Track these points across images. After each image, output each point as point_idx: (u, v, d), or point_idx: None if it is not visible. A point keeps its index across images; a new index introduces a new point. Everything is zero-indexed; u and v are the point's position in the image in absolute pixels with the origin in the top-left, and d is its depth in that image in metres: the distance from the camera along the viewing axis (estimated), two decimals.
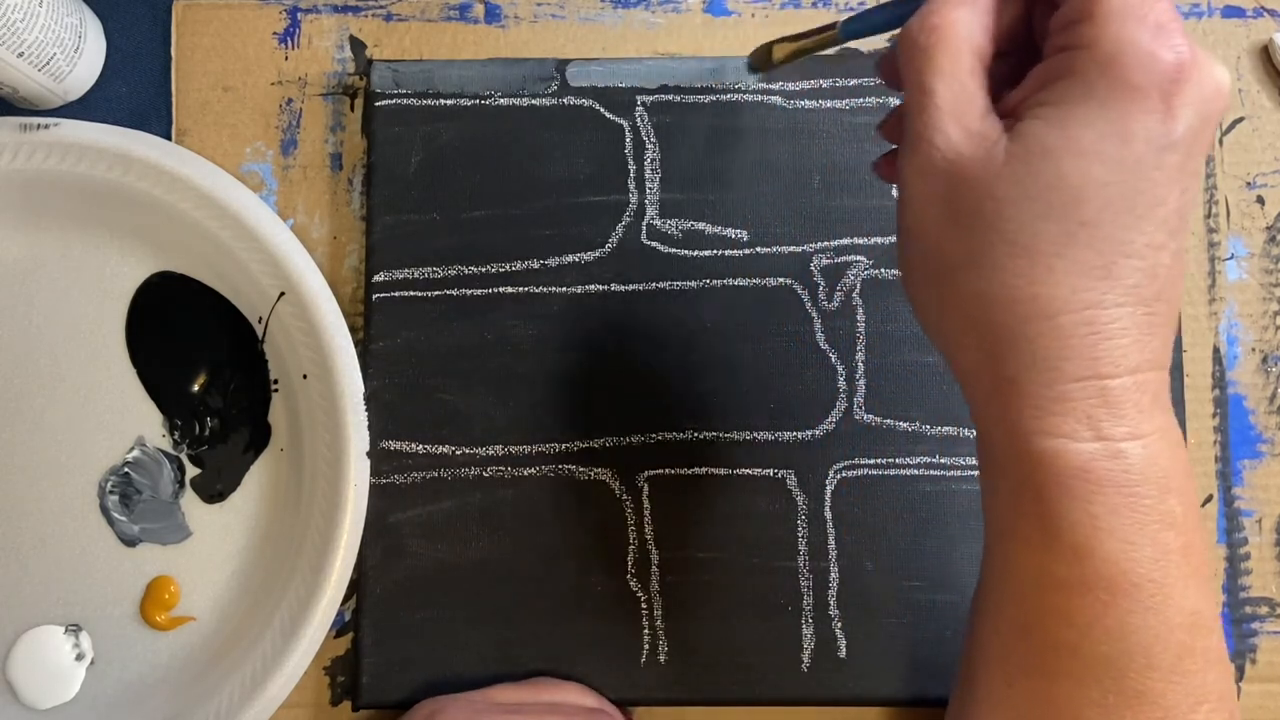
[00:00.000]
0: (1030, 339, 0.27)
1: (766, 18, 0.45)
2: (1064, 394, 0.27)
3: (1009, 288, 0.27)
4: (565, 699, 0.40)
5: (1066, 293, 0.27)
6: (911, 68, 0.29)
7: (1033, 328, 0.27)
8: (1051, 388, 0.27)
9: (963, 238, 0.28)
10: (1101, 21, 0.26)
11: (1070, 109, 0.27)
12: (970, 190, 0.28)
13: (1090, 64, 0.26)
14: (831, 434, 0.42)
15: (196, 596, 0.43)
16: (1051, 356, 0.27)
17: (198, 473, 0.43)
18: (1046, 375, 0.27)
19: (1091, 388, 0.27)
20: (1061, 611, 0.29)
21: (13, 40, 0.39)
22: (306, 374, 0.42)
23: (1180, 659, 0.28)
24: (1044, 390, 0.28)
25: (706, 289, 0.43)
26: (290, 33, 0.45)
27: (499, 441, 0.42)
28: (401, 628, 0.41)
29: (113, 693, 0.42)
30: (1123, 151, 0.26)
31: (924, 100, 0.28)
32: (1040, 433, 0.28)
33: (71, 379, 0.43)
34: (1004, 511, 0.30)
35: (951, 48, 0.28)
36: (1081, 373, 0.27)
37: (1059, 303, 0.27)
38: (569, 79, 0.44)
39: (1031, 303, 0.27)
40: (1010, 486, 0.29)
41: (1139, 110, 0.26)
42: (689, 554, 0.42)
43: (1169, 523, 0.28)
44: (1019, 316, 0.27)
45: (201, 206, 0.42)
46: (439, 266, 0.43)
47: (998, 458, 0.29)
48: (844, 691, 0.41)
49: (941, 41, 0.28)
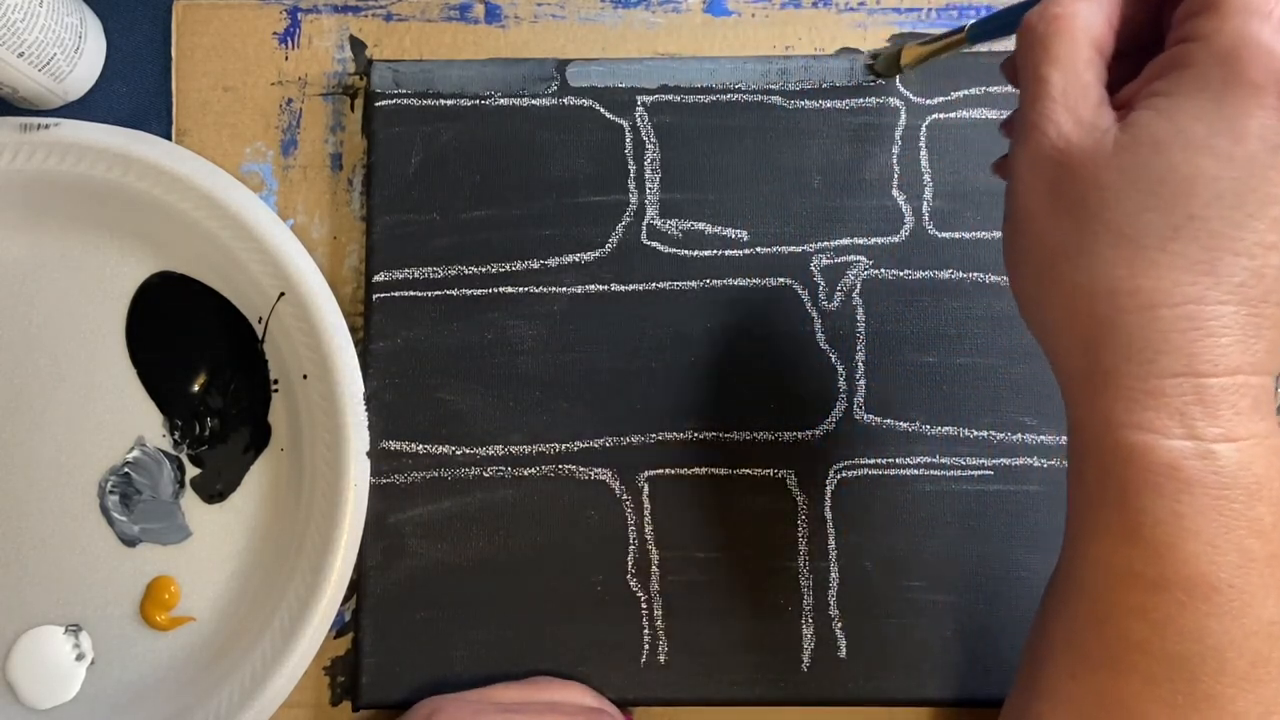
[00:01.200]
0: (1129, 330, 0.27)
1: (767, 18, 0.45)
2: (1158, 389, 0.27)
3: (1111, 278, 0.27)
4: (565, 698, 0.40)
5: (1169, 285, 0.27)
6: (1029, 57, 0.29)
7: (1132, 319, 0.27)
8: (1146, 381, 0.27)
9: (1068, 227, 0.28)
10: (1222, 14, 0.26)
11: (1183, 101, 0.26)
12: (1078, 179, 0.27)
13: (1208, 56, 0.26)
14: (831, 434, 0.42)
15: (196, 597, 0.43)
16: (1149, 349, 0.27)
17: (198, 473, 0.43)
18: (1142, 368, 0.27)
19: (1187, 384, 0.27)
20: (1137, 607, 0.28)
21: (13, 40, 0.39)
22: (306, 374, 0.42)
23: (1254, 666, 0.28)
24: (1138, 383, 0.27)
25: (706, 289, 0.43)
26: (290, 33, 0.45)
27: (499, 441, 0.42)
28: (401, 628, 0.41)
29: (113, 693, 0.42)
30: (1236, 147, 0.26)
31: (1038, 89, 0.28)
32: (1131, 425, 0.28)
33: (71, 379, 0.43)
34: (1088, 502, 0.29)
35: (1069, 37, 0.28)
36: (1177, 368, 0.27)
37: (1160, 295, 0.27)
38: (569, 79, 0.44)
39: (1132, 294, 0.27)
40: (1097, 477, 0.29)
41: (1256, 106, 0.26)
42: (689, 554, 0.42)
43: (1256, 530, 0.27)
44: (1119, 307, 0.27)
45: (201, 206, 0.42)
46: (439, 266, 0.43)
47: (1087, 447, 0.29)
48: (844, 691, 0.41)
49: (1060, 31, 0.28)
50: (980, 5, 0.45)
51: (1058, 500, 0.42)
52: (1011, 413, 0.42)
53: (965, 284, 0.43)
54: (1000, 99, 0.43)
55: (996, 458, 0.42)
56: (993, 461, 0.42)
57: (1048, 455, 0.42)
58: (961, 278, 0.43)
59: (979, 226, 0.43)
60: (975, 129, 0.43)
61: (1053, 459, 0.42)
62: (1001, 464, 0.42)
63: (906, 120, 0.43)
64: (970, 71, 0.43)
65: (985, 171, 0.43)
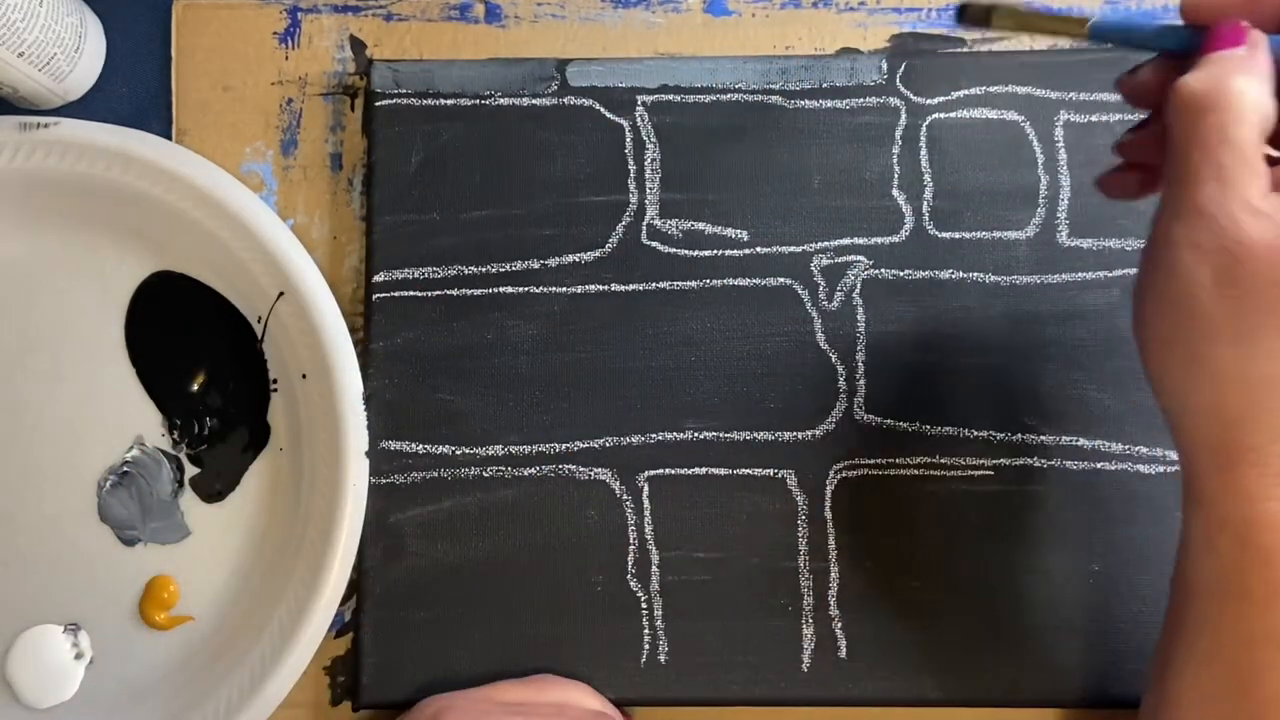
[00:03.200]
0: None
1: (767, 17, 0.45)
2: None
3: (1269, 364, 0.29)
4: (569, 699, 0.40)
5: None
6: (1197, 132, 0.29)
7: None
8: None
9: (1232, 314, 0.29)
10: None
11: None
12: (1250, 272, 0.28)
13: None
14: (831, 434, 0.42)
15: (195, 596, 0.43)
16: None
17: (197, 472, 0.43)
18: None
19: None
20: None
21: (13, 40, 0.39)
22: (306, 374, 0.42)
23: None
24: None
25: (706, 289, 0.43)
26: (290, 33, 0.45)
27: (499, 441, 0.42)
28: (401, 628, 0.41)
29: (112, 692, 0.42)
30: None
31: (1206, 170, 0.28)
32: (1275, 498, 0.29)
33: (71, 379, 0.43)
34: (1224, 569, 0.31)
35: (1246, 118, 0.28)
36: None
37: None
38: (569, 79, 0.44)
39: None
40: (1233, 546, 0.30)
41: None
42: (689, 554, 0.42)
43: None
44: (1272, 394, 0.29)
45: (201, 206, 0.42)
46: (439, 266, 0.43)
47: (1221, 517, 0.31)
48: (844, 691, 0.41)
49: (1235, 110, 0.28)
50: None
51: (1057, 500, 0.42)
52: (1011, 413, 0.42)
53: (965, 284, 0.43)
54: (1000, 99, 0.43)
55: (996, 458, 0.42)
56: (993, 461, 0.42)
57: (1048, 455, 0.42)
58: (961, 278, 0.43)
59: (979, 226, 0.43)
60: (975, 129, 0.43)
61: (1053, 459, 0.42)
62: (1001, 464, 0.42)
63: (906, 120, 0.43)
64: (971, 71, 0.44)
65: (985, 171, 0.43)
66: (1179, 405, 0.31)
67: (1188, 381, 0.31)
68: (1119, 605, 0.41)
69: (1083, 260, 0.43)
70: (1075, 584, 0.41)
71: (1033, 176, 0.43)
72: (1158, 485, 0.42)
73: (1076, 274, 0.43)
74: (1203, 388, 0.30)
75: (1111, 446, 0.42)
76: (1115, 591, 0.41)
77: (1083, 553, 0.41)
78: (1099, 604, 0.41)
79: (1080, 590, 0.41)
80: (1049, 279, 0.43)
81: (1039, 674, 0.41)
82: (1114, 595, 0.41)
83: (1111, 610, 0.41)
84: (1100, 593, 0.41)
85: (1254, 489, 0.29)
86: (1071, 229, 0.43)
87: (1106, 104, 0.43)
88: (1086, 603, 0.41)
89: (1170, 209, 0.30)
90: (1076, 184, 0.43)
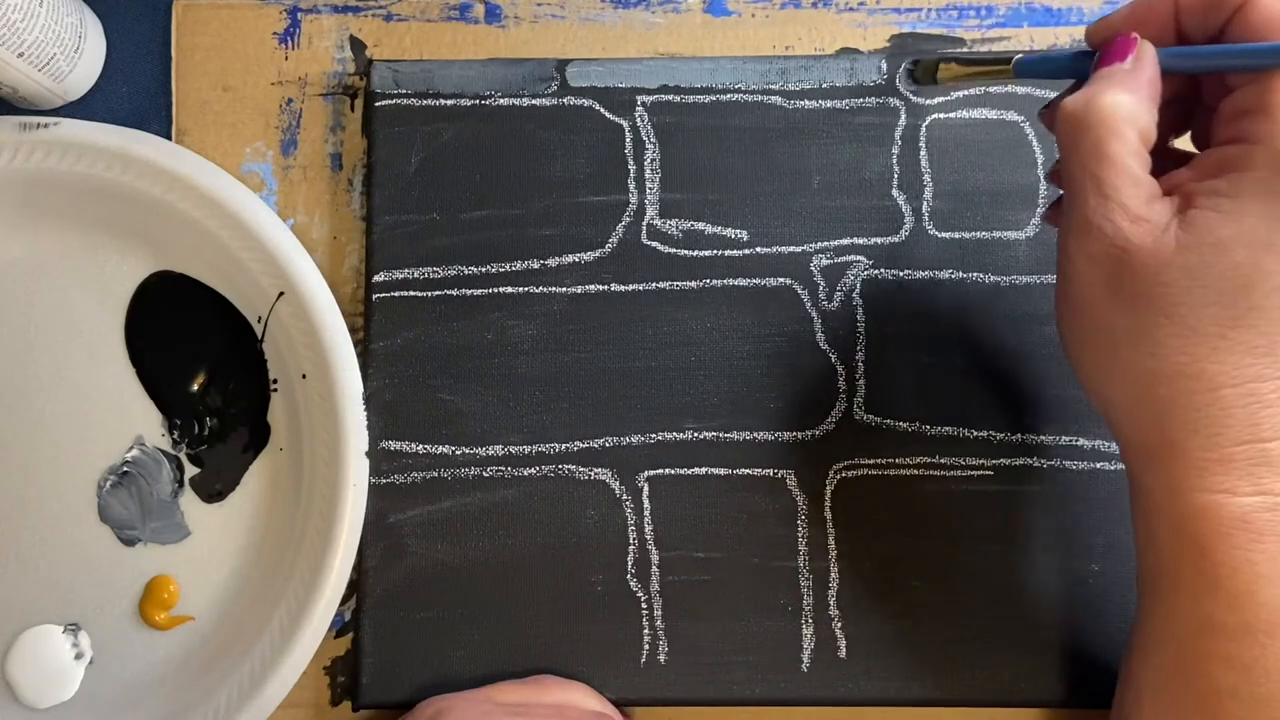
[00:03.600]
0: (1194, 409, 0.29)
1: (767, 18, 0.45)
2: (1226, 456, 0.29)
3: (1174, 364, 0.29)
4: (569, 699, 0.40)
5: (1230, 369, 0.29)
6: (1075, 151, 0.30)
7: (1198, 399, 0.29)
8: (1213, 450, 0.30)
9: (1129, 316, 0.30)
10: (1276, 120, 0.28)
11: (1245, 203, 0.28)
12: (1139, 275, 0.29)
13: (1267, 160, 0.28)
14: (831, 434, 0.42)
15: (195, 596, 0.43)
16: (1214, 425, 0.29)
17: (197, 472, 0.43)
18: (1209, 440, 0.30)
19: (1253, 450, 0.29)
20: (1222, 655, 0.30)
21: (13, 40, 0.39)
22: (306, 374, 0.42)
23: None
24: (1206, 453, 0.30)
25: (706, 289, 0.43)
26: (290, 33, 0.45)
27: (499, 441, 0.42)
28: (401, 628, 0.41)
29: (111, 692, 0.42)
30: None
31: (1088, 185, 0.30)
32: (1201, 489, 0.30)
33: (71, 379, 0.43)
34: (1163, 559, 0.32)
35: (1119, 133, 0.29)
36: (1243, 438, 0.29)
37: (1223, 378, 0.29)
38: (569, 79, 0.44)
39: (1196, 378, 0.29)
40: (1170, 536, 0.31)
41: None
42: (689, 554, 0.42)
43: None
44: (1183, 390, 0.29)
45: (201, 206, 0.42)
46: (439, 266, 0.43)
47: (1156, 508, 0.31)
48: (844, 691, 0.41)
49: (1108, 126, 0.29)
50: (979, 6, 0.45)
51: (1058, 500, 0.42)
52: (1011, 413, 0.42)
53: (965, 284, 0.43)
54: (1000, 99, 0.43)
55: (996, 458, 0.42)
56: (993, 461, 0.42)
57: (1048, 455, 0.42)
58: (961, 278, 0.43)
59: (979, 226, 0.43)
60: (975, 129, 0.43)
61: (1053, 459, 0.42)
62: (1001, 464, 0.42)
63: (906, 120, 0.43)
64: None
65: (985, 171, 0.43)
66: (1103, 405, 0.32)
67: (1104, 384, 0.32)
68: (1119, 605, 0.41)
69: None
70: (1075, 584, 0.41)
71: (1033, 176, 0.43)
72: None
73: None
74: (1118, 389, 0.31)
75: (1111, 446, 0.42)
76: (1115, 591, 0.41)
77: (1083, 553, 0.41)
78: (1099, 604, 0.41)
79: (1080, 590, 0.41)
80: (1049, 279, 0.43)
81: (1038, 674, 0.41)
82: (1114, 595, 0.41)
83: (1111, 610, 0.41)
84: (1100, 593, 0.41)
85: (1180, 482, 0.30)
86: None
87: None
88: (1086, 603, 0.41)
89: (1066, 222, 0.31)
90: None
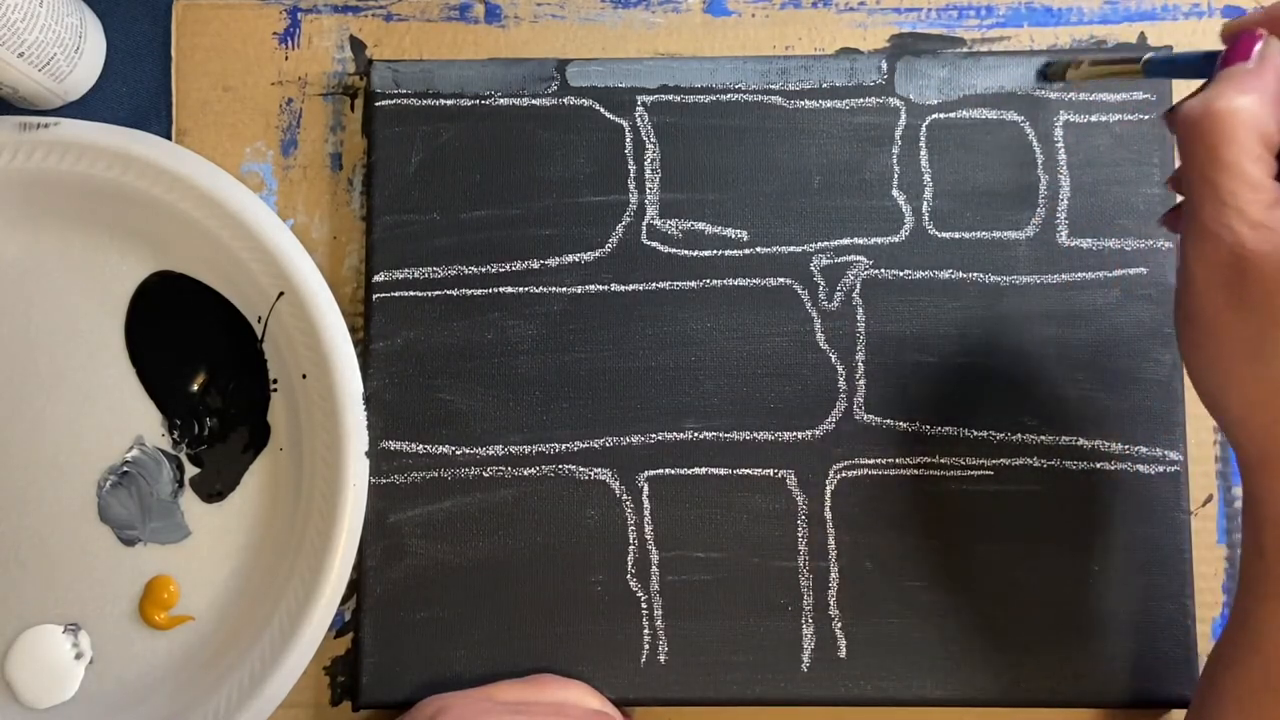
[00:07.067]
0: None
1: (767, 18, 0.45)
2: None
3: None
4: (569, 698, 0.40)
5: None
6: (1194, 156, 0.29)
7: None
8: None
9: (1246, 325, 0.29)
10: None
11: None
12: (1257, 283, 0.29)
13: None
14: (831, 434, 0.42)
15: (195, 596, 0.43)
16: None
17: (197, 472, 0.43)
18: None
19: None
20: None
21: (13, 40, 0.39)
22: (306, 373, 0.42)
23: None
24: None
25: (706, 289, 0.43)
26: (290, 33, 0.45)
27: (499, 441, 0.42)
28: (401, 628, 0.41)
29: (111, 692, 0.42)
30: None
31: (1206, 191, 0.29)
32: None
33: (71, 379, 0.43)
34: (1265, 567, 0.31)
35: (1234, 137, 0.29)
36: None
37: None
38: (569, 79, 0.44)
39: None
40: (1275, 545, 0.31)
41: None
42: (689, 554, 0.42)
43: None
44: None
45: (201, 206, 0.42)
46: (439, 266, 0.43)
47: (1266, 519, 0.31)
48: (844, 691, 0.41)
49: (1225, 131, 0.29)
50: (979, 6, 0.45)
51: (1058, 500, 0.42)
52: (1011, 413, 0.42)
53: (965, 284, 0.43)
54: (1000, 99, 0.43)
55: (996, 458, 0.42)
56: (993, 461, 0.42)
57: (1048, 455, 0.42)
58: (961, 278, 0.43)
59: (979, 226, 0.43)
60: (975, 129, 0.43)
61: (1053, 459, 0.42)
62: (1001, 464, 0.42)
63: (906, 120, 0.43)
64: (971, 71, 0.43)
65: (985, 171, 0.43)
66: (1218, 413, 0.32)
67: (1219, 393, 0.31)
68: (1119, 605, 0.41)
69: (1083, 260, 0.43)
70: (1075, 584, 0.41)
71: (1032, 176, 0.43)
72: (1158, 485, 0.42)
73: (1076, 274, 0.43)
74: (1232, 399, 0.31)
75: (1111, 446, 0.42)
76: (1115, 591, 0.41)
77: (1083, 553, 0.41)
78: (1099, 604, 0.41)
79: (1080, 590, 0.41)
80: (1049, 279, 0.43)
81: (1038, 674, 0.41)
82: (1114, 595, 0.41)
83: (1111, 610, 0.41)
84: (1100, 593, 0.41)
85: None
86: (1071, 229, 0.43)
87: (1106, 104, 0.43)
88: (1086, 603, 0.41)
89: (1186, 229, 0.30)
90: (1076, 184, 0.43)
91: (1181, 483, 0.42)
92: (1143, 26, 0.45)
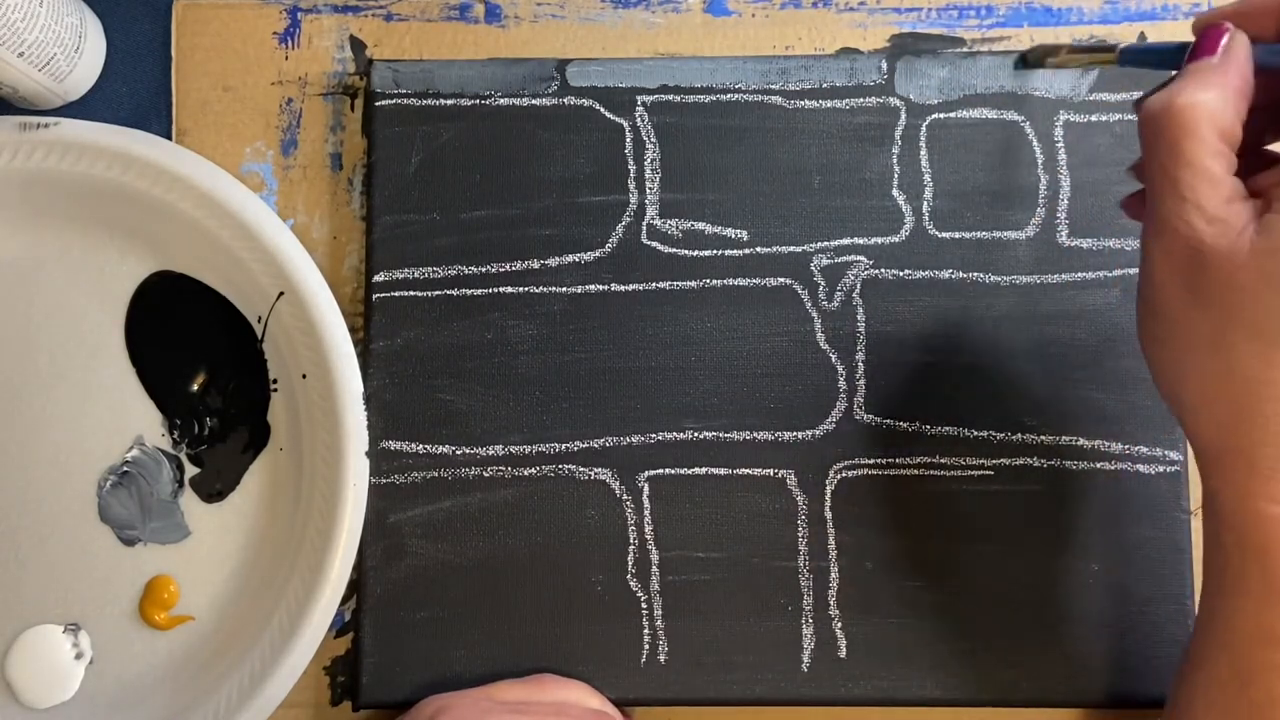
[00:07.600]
0: (1265, 417, 0.29)
1: (767, 17, 0.45)
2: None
3: (1247, 369, 0.29)
4: (569, 698, 0.40)
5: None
6: (1155, 150, 0.30)
7: (1268, 407, 0.29)
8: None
9: (1203, 318, 0.29)
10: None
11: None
12: (1213, 277, 0.29)
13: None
14: (831, 434, 0.42)
15: (195, 596, 0.43)
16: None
17: (197, 472, 0.43)
18: (1278, 449, 0.29)
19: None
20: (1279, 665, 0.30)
21: (13, 40, 0.39)
22: (306, 373, 0.42)
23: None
24: (1274, 462, 0.29)
25: (706, 289, 0.43)
26: (290, 33, 0.45)
27: (499, 441, 0.42)
28: (401, 628, 0.41)
29: (112, 692, 0.42)
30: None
31: (1166, 186, 0.29)
32: (1267, 497, 0.30)
33: (71, 378, 0.43)
34: (1226, 566, 0.31)
35: (1197, 133, 0.29)
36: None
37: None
38: (569, 79, 0.44)
39: (1267, 384, 0.29)
40: (1235, 542, 0.31)
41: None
42: (689, 554, 0.42)
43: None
44: (1256, 396, 0.29)
45: (201, 206, 0.42)
46: (439, 266, 0.43)
47: (1224, 514, 0.31)
48: (844, 691, 0.41)
49: (1185, 126, 0.29)
50: (979, 6, 0.45)
51: (1058, 500, 0.42)
52: (1011, 413, 0.42)
53: (965, 284, 0.43)
54: (1000, 99, 0.43)
55: (996, 458, 0.42)
56: (993, 461, 0.42)
57: (1048, 455, 0.42)
58: (961, 278, 0.43)
59: (979, 226, 0.43)
60: (975, 129, 0.43)
61: (1053, 459, 0.42)
62: (1001, 464, 0.42)
63: (906, 120, 0.43)
64: (971, 71, 0.43)
65: (985, 171, 0.43)
66: (1176, 407, 0.32)
67: (1178, 386, 0.31)
68: (1118, 605, 0.41)
69: (1083, 260, 0.43)
70: (1075, 584, 0.41)
71: (1033, 176, 0.43)
72: (1157, 485, 0.42)
73: (1076, 274, 0.43)
74: (1190, 392, 0.31)
75: (1111, 446, 0.42)
76: (1115, 591, 0.41)
77: (1082, 553, 0.41)
78: (1098, 604, 0.41)
79: (1080, 590, 0.41)
80: (1049, 279, 0.43)
81: (1038, 674, 0.41)
82: (1114, 595, 0.41)
83: (1110, 610, 0.41)
84: (1100, 593, 0.41)
85: (1246, 489, 0.30)
86: (1071, 229, 0.43)
87: (1106, 104, 0.43)
88: (1085, 603, 0.41)
89: (1147, 222, 0.31)
90: (1076, 184, 0.43)
91: (1181, 483, 0.42)
92: (1143, 26, 0.45)
